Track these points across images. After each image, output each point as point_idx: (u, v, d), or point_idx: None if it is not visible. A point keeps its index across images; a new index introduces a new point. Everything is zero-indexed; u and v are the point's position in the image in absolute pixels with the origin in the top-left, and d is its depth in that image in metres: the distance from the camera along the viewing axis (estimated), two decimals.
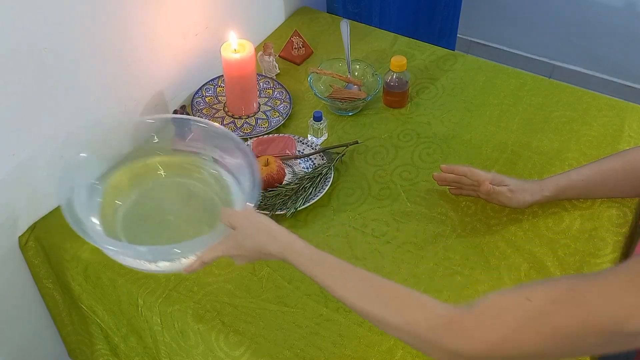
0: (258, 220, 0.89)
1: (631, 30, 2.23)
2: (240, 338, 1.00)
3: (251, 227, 0.88)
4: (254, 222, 0.88)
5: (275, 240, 0.86)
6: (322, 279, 0.82)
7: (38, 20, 1.02)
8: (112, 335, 1.20)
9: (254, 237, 0.87)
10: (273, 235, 0.87)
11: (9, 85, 1.03)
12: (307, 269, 0.83)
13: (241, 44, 1.29)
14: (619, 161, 1.09)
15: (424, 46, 1.58)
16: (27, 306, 1.27)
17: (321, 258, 0.84)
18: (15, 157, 1.09)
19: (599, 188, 1.11)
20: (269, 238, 0.86)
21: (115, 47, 1.19)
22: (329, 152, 1.28)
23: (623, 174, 1.08)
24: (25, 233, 1.18)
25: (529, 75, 1.49)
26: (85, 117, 1.19)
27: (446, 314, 0.72)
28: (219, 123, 1.35)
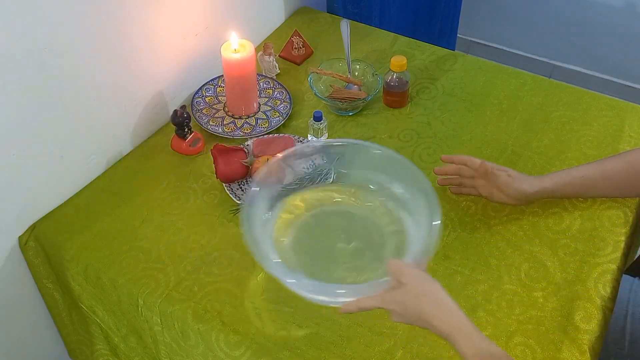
0: (429, 286, 0.83)
1: (631, 30, 2.23)
2: (240, 338, 1.00)
3: (420, 291, 0.82)
4: (424, 287, 0.83)
5: (443, 316, 0.81)
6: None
7: (38, 21, 1.02)
8: (112, 335, 1.20)
9: (421, 303, 0.82)
10: (442, 309, 0.81)
11: (9, 85, 1.03)
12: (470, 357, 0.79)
13: (241, 44, 1.29)
14: (620, 162, 1.09)
15: (424, 46, 1.58)
16: (27, 306, 1.27)
17: (489, 351, 0.80)
18: (15, 157, 1.09)
19: (599, 187, 1.11)
20: (437, 310, 0.81)
21: (115, 47, 1.19)
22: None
23: (624, 174, 1.08)
24: (25, 233, 1.18)
25: (529, 75, 1.49)
26: (85, 117, 1.19)
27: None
28: (219, 123, 1.35)
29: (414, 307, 0.82)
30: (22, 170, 1.12)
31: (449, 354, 0.97)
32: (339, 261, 1.00)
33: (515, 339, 0.98)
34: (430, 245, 0.89)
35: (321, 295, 0.90)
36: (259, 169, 1.17)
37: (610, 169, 1.09)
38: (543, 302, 1.03)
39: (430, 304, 0.82)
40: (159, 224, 1.17)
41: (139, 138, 1.34)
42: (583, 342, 0.98)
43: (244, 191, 1.21)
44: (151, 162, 1.29)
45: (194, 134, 1.29)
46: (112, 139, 1.28)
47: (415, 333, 0.99)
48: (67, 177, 1.21)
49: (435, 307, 0.82)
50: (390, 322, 1.00)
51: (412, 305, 0.82)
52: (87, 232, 1.16)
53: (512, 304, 1.03)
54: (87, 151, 1.23)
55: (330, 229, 1.06)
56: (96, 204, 1.21)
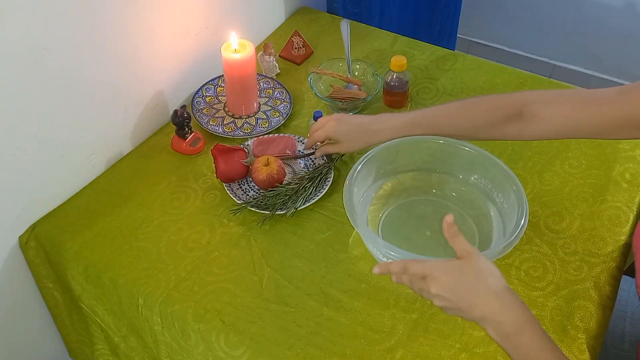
0: (490, 268, 0.79)
1: (631, 30, 2.23)
2: (240, 338, 1.00)
3: (479, 270, 0.78)
4: (484, 268, 0.79)
5: (503, 308, 0.77)
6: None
7: (38, 21, 1.02)
8: (113, 335, 1.20)
9: (476, 286, 0.78)
10: (502, 302, 0.77)
11: (9, 85, 1.03)
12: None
13: (241, 44, 1.29)
14: (469, 101, 1.08)
15: (424, 46, 1.58)
16: (27, 306, 1.27)
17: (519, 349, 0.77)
18: (15, 157, 1.09)
19: (444, 124, 1.10)
20: (492, 301, 0.77)
21: (115, 47, 1.19)
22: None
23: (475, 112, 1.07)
24: (26, 233, 1.18)
25: (529, 75, 1.49)
26: (85, 117, 1.20)
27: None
28: (219, 123, 1.35)
29: (466, 288, 0.78)
30: (22, 170, 1.12)
31: (450, 353, 0.97)
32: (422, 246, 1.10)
33: None
34: (511, 242, 0.94)
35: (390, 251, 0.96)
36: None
37: (459, 105, 1.09)
38: (543, 301, 1.03)
39: (488, 296, 0.77)
40: (159, 224, 1.17)
41: (139, 138, 1.34)
42: (583, 342, 0.98)
43: (244, 191, 1.21)
44: (151, 162, 1.29)
45: (194, 134, 1.29)
46: (112, 139, 1.28)
47: (416, 333, 0.99)
48: (67, 177, 1.21)
49: (492, 299, 0.77)
50: (390, 322, 1.01)
51: (465, 285, 0.78)
52: (88, 232, 1.16)
53: None
54: (87, 151, 1.23)
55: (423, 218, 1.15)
56: (96, 203, 1.21)
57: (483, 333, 0.98)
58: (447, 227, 0.84)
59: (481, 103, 1.07)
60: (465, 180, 1.16)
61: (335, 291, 1.05)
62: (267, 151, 1.26)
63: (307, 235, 1.14)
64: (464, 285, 0.79)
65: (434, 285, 0.80)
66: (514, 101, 1.02)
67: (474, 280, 0.79)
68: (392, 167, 1.16)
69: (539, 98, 1.01)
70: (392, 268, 0.84)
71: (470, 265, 0.80)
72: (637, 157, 1.27)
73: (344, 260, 1.10)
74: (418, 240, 1.12)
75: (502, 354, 0.96)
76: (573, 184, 1.22)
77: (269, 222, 1.16)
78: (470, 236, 1.11)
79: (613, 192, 1.20)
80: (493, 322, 0.78)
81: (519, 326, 0.78)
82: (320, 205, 1.19)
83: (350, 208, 1.01)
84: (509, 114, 1.02)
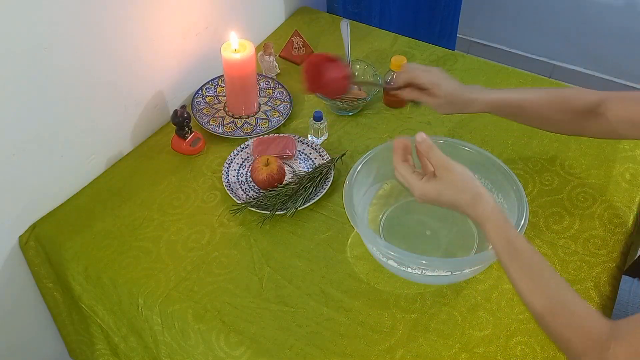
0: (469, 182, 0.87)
1: (631, 30, 2.23)
2: (240, 338, 1.00)
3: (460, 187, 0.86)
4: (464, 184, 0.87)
5: (479, 208, 0.85)
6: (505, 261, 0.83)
7: (38, 20, 1.02)
8: (113, 335, 1.20)
9: (458, 196, 0.86)
10: (478, 203, 0.85)
11: (9, 85, 1.03)
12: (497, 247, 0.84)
13: (241, 44, 1.29)
14: (554, 93, 1.08)
15: (424, 46, 1.58)
16: (27, 306, 1.27)
17: (514, 245, 0.83)
18: (15, 157, 1.09)
19: (528, 116, 1.09)
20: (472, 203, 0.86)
21: (115, 47, 1.19)
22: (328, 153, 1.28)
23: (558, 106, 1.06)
24: (26, 233, 1.18)
25: (529, 75, 1.49)
26: (85, 117, 1.20)
27: (598, 339, 0.75)
28: (219, 123, 1.35)
29: (449, 197, 0.87)
30: (22, 170, 1.12)
31: (449, 353, 0.97)
32: (426, 243, 1.12)
33: (515, 338, 0.98)
34: None
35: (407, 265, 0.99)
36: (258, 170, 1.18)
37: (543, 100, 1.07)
38: None
39: (468, 199, 0.86)
40: (159, 224, 1.17)
41: (139, 138, 1.34)
42: None
43: (244, 191, 1.21)
44: (151, 162, 1.29)
45: (194, 134, 1.29)
46: (112, 138, 1.28)
47: (416, 333, 0.99)
48: (67, 177, 1.21)
49: (472, 201, 0.85)
50: (390, 322, 1.01)
51: (447, 196, 0.86)
52: (87, 232, 1.16)
53: (512, 304, 1.03)
54: (87, 151, 1.23)
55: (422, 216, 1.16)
56: (96, 203, 1.21)
57: (483, 333, 0.99)
58: (420, 145, 0.90)
59: (566, 98, 1.06)
60: None
61: (335, 291, 1.05)
62: (267, 151, 1.26)
63: (307, 235, 1.14)
64: (446, 201, 0.88)
65: (416, 198, 0.90)
66: (594, 98, 1.03)
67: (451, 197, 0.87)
68: (392, 167, 1.16)
69: (617, 96, 1.01)
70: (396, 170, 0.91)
71: (446, 184, 0.87)
72: (637, 157, 1.27)
73: (344, 260, 1.10)
74: (418, 240, 1.12)
75: (502, 354, 0.96)
76: (573, 184, 1.22)
77: (269, 222, 1.16)
78: (470, 236, 1.11)
79: (613, 192, 1.20)
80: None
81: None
82: (320, 205, 1.19)
83: (350, 208, 1.01)
84: (589, 109, 1.03)
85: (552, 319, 0.79)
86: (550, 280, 0.81)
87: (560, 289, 0.80)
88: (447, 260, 1.05)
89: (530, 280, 0.81)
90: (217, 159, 1.29)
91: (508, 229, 0.84)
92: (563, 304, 0.79)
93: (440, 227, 1.14)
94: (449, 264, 1.01)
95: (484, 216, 0.85)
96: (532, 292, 0.80)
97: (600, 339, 0.75)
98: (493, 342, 0.98)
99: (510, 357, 0.96)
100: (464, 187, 0.86)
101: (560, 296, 0.79)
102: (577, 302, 0.79)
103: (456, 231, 1.13)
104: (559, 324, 0.78)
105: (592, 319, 0.77)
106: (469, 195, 0.86)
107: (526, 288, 0.81)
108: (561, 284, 0.81)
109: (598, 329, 0.76)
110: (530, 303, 0.81)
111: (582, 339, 0.76)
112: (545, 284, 0.81)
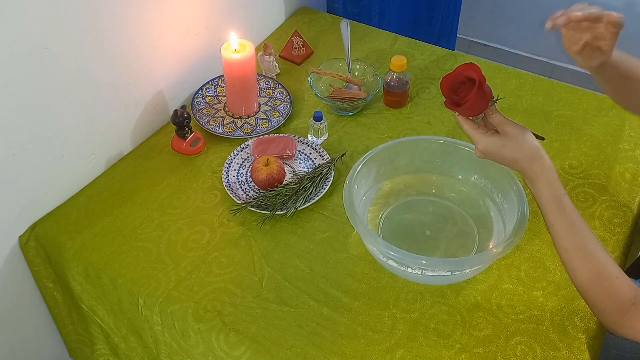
0: (529, 139, 0.92)
1: (631, 30, 2.23)
2: (240, 338, 1.00)
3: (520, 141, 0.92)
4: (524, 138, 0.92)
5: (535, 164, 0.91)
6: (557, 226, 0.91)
7: (38, 21, 1.02)
8: (113, 335, 1.20)
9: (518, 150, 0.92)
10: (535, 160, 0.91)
11: (9, 85, 1.03)
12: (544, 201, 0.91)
13: (241, 44, 1.29)
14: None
15: (424, 46, 1.58)
16: (27, 306, 1.27)
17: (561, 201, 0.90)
18: (15, 157, 1.09)
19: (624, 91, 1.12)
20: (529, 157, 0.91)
21: (115, 47, 1.19)
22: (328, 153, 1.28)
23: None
24: (26, 233, 1.18)
25: (529, 75, 1.49)
26: (85, 117, 1.20)
27: (624, 302, 0.86)
28: (219, 123, 1.35)
29: (510, 150, 0.92)
30: (22, 170, 1.12)
31: (449, 353, 0.97)
32: (425, 244, 1.12)
33: (515, 338, 0.98)
34: (516, 236, 0.98)
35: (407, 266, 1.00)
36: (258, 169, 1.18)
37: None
38: (543, 301, 1.03)
39: (527, 153, 0.92)
40: (159, 224, 1.17)
41: (139, 138, 1.34)
42: (583, 342, 0.98)
43: (244, 191, 1.21)
44: (151, 162, 1.29)
45: (194, 134, 1.29)
46: (112, 139, 1.28)
47: (416, 333, 0.99)
48: (67, 177, 1.21)
49: (531, 155, 0.91)
50: (390, 322, 1.01)
51: (508, 148, 0.92)
52: (87, 232, 1.16)
53: (512, 304, 1.03)
54: (87, 151, 1.23)
55: (422, 217, 1.17)
56: (96, 203, 1.21)
57: (483, 333, 0.99)
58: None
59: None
60: (465, 180, 1.16)
61: (335, 291, 1.05)
62: (267, 151, 1.26)
63: (307, 235, 1.14)
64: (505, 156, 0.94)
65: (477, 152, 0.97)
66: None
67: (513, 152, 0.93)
68: (392, 167, 1.17)
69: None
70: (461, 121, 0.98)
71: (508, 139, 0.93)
72: (637, 157, 1.27)
73: (344, 260, 1.10)
74: (418, 240, 1.12)
75: (502, 354, 0.96)
76: (573, 184, 1.22)
77: (269, 222, 1.16)
78: (470, 236, 1.11)
79: (613, 192, 1.20)
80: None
81: None
82: (320, 205, 1.19)
83: (350, 208, 1.01)
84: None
85: (589, 277, 0.88)
86: (589, 241, 0.89)
87: (596, 250, 0.89)
88: (447, 260, 1.05)
89: (572, 236, 0.89)
90: (217, 159, 1.29)
91: (559, 187, 0.91)
92: (600, 267, 0.88)
93: (440, 227, 1.14)
94: (449, 264, 1.01)
95: (540, 171, 0.91)
96: (571, 249, 0.89)
97: (626, 303, 0.86)
98: (493, 342, 0.98)
99: (510, 357, 0.96)
100: (524, 143, 0.92)
101: (598, 259, 0.88)
102: (611, 264, 0.88)
103: (456, 231, 1.13)
104: (596, 287, 0.88)
105: (623, 284, 0.87)
106: (528, 149, 0.92)
107: (567, 244, 0.90)
108: (597, 244, 0.89)
109: (626, 293, 0.86)
110: (567, 259, 0.90)
111: (610, 299, 0.87)
112: (584, 242, 0.89)
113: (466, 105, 0.93)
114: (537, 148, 0.92)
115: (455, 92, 0.95)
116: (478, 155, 0.96)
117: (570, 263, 0.90)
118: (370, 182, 1.14)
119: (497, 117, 0.95)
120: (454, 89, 0.95)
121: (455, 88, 0.95)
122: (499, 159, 0.95)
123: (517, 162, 0.93)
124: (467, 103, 0.92)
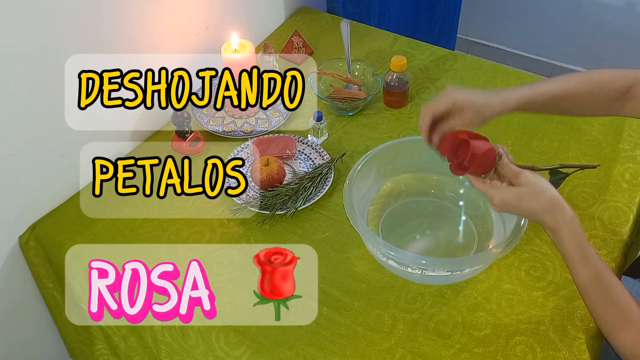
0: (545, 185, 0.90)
1: (631, 30, 2.23)
2: (240, 338, 1.00)
3: (537, 190, 0.89)
4: (540, 187, 0.90)
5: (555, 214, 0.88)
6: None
7: (38, 20, 1.02)
8: (113, 335, 1.20)
9: (536, 201, 0.89)
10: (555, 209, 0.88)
11: (9, 85, 1.03)
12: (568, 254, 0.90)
13: (241, 44, 1.29)
14: (585, 81, 1.08)
15: (424, 46, 1.58)
16: (27, 306, 1.27)
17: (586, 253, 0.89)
18: (16, 156, 1.09)
19: (562, 105, 1.09)
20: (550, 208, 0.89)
21: (115, 47, 1.19)
22: (328, 153, 1.28)
23: (588, 94, 1.07)
24: (26, 233, 1.18)
25: (529, 75, 1.49)
26: (85, 116, 1.19)
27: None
28: (219, 123, 1.35)
29: (528, 202, 0.89)
30: (22, 170, 1.12)
31: (449, 353, 0.97)
32: (424, 244, 1.13)
33: (515, 338, 0.98)
34: (512, 240, 0.97)
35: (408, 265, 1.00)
36: None
37: (575, 88, 1.08)
38: (543, 301, 1.03)
39: (546, 204, 0.89)
40: (159, 224, 1.17)
41: (139, 138, 1.34)
42: (582, 342, 0.98)
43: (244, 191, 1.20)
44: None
45: (194, 134, 1.29)
46: (112, 138, 1.28)
47: (416, 333, 0.99)
48: (67, 177, 1.21)
49: (551, 206, 0.89)
50: (390, 322, 1.01)
51: (527, 200, 0.89)
52: (87, 232, 1.16)
53: (512, 304, 1.03)
54: (87, 151, 1.23)
55: (422, 217, 1.16)
56: (96, 203, 1.21)
57: (483, 333, 0.99)
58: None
59: (599, 83, 1.06)
60: (465, 180, 1.16)
61: (335, 291, 1.05)
62: (267, 151, 1.26)
63: (307, 235, 1.14)
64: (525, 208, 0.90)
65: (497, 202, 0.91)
66: (624, 82, 1.03)
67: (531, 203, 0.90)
68: (392, 167, 1.17)
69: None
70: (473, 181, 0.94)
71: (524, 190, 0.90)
72: (637, 157, 1.27)
73: (344, 260, 1.10)
74: (418, 240, 1.12)
75: (502, 354, 0.96)
76: (573, 184, 1.22)
77: (269, 222, 1.16)
78: (470, 236, 1.11)
79: (613, 192, 1.20)
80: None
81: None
82: (320, 205, 1.19)
83: (350, 208, 1.01)
84: (620, 91, 1.03)
85: (615, 325, 0.88)
86: (614, 288, 0.88)
87: (623, 297, 0.88)
88: (447, 260, 1.05)
89: (597, 286, 0.88)
90: None
91: (582, 236, 0.89)
92: (627, 315, 0.87)
93: (440, 227, 1.14)
94: (449, 264, 1.01)
95: (562, 222, 0.88)
96: (598, 299, 0.89)
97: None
98: (493, 342, 0.98)
99: (510, 357, 0.96)
100: (541, 193, 0.89)
101: (626, 307, 0.87)
102: (627, 297, 0.88)
103: (456, 231, 1.13)
104: (625, 334, 0.87)
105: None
106: (545, 201, 0.89)
107: (593, 294, 0.89)
108: (622, 290, 0.88)
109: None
110: (594, 309, 0.89)
111: (632, 336, 0.86)
112: (610, 292, 0.88)
113: (471, 169, 0.93)
114: (556, 198, 0.89)
115: (456, 155, 0.96)
116: (495, 209, 0.92)
117: (596, 311, 0.89)
118: (370, 182, 1.14)
119: (510, 170, 0.91)
120: (453, 154, 0.96)
121: (454, 152, 0.96)
122: (517, 212, 0.92)
123: (537, 214, 0.89)
124: (470, 166, 0.92)
